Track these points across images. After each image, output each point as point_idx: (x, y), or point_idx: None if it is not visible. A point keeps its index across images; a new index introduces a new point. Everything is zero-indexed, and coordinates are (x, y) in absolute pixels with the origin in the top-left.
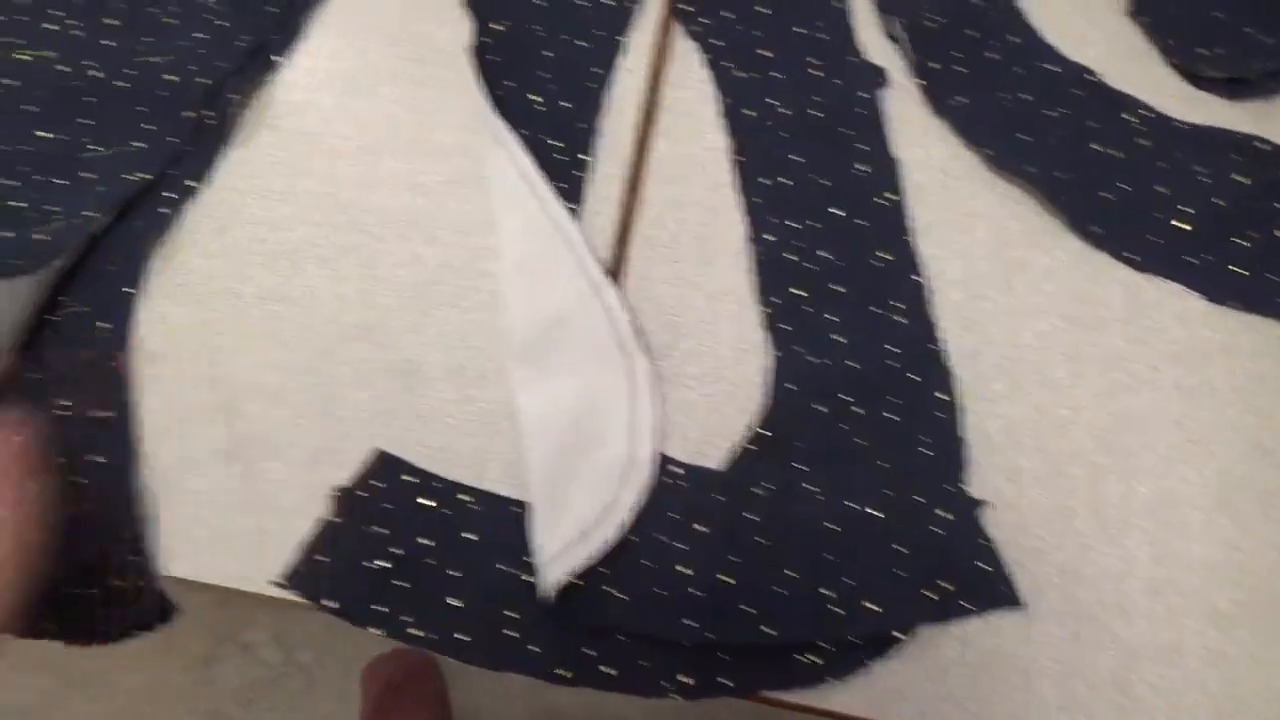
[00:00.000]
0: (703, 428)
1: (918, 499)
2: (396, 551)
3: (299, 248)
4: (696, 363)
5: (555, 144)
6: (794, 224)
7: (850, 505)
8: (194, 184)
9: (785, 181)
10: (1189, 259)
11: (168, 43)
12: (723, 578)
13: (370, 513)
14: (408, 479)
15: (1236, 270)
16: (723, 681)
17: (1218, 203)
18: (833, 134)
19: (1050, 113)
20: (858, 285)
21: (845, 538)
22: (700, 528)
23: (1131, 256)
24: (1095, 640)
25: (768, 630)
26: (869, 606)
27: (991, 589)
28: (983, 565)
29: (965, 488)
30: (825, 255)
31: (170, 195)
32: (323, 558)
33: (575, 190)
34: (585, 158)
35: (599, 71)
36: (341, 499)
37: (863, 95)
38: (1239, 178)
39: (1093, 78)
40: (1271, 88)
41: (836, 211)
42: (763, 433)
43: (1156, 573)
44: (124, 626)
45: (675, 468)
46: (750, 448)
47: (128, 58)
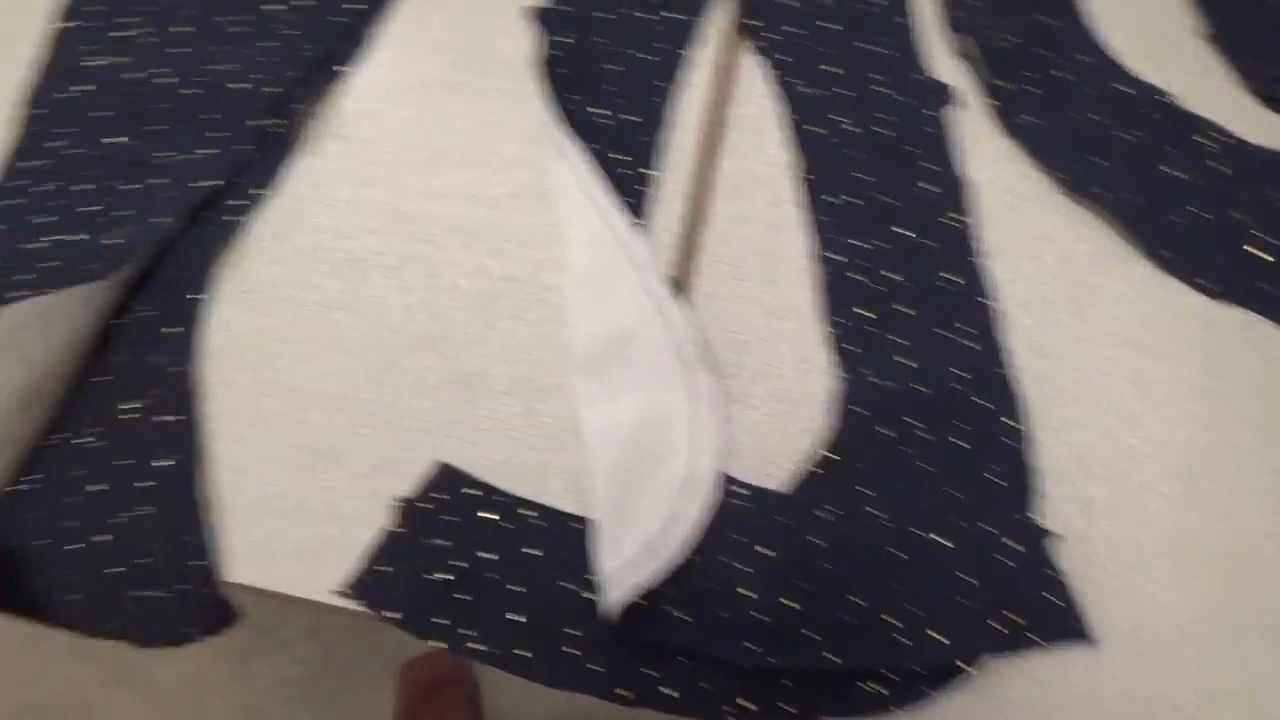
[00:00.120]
0: (766, 448)
1: (986, 528)
2: (458, 564)
3: (363, 257)
4: (760, 382)
5: (619, 158)
6: (860, 243)
7: (916, 532)
8: (260, 192)
9: (851, 200)
10: (1266, 287)
11: (236, 51)
12: (786, 602)
13: (432, 525)
14: (469, 492)
15: None
16: (784, 707)
17: None
18: (900, 152)
19: (1122, 134)
20: (925, 307)
21: (911, 565)
22: (764, 550)
23: (1204, 283)
24: (1168, 680)
25: (831, 657)
26: (934, 636)
27: (1060, 622)
28: (1052, 598)
29: (1034, 517)
30: (891, 276)
31: (237, 203)
32: (384, 568)
33: (639, 205)
34: (649, 172)
35: (663, 85)
36: (403, 510)
37: (930, 114)
38: None
39: (1165, 99)
40: None
41: (903, 231)
42: (828, 455)
43: (1235, 613)
44: (186, 630)
45: (738, 488)
46: (815, 470)
47: (197, 65)
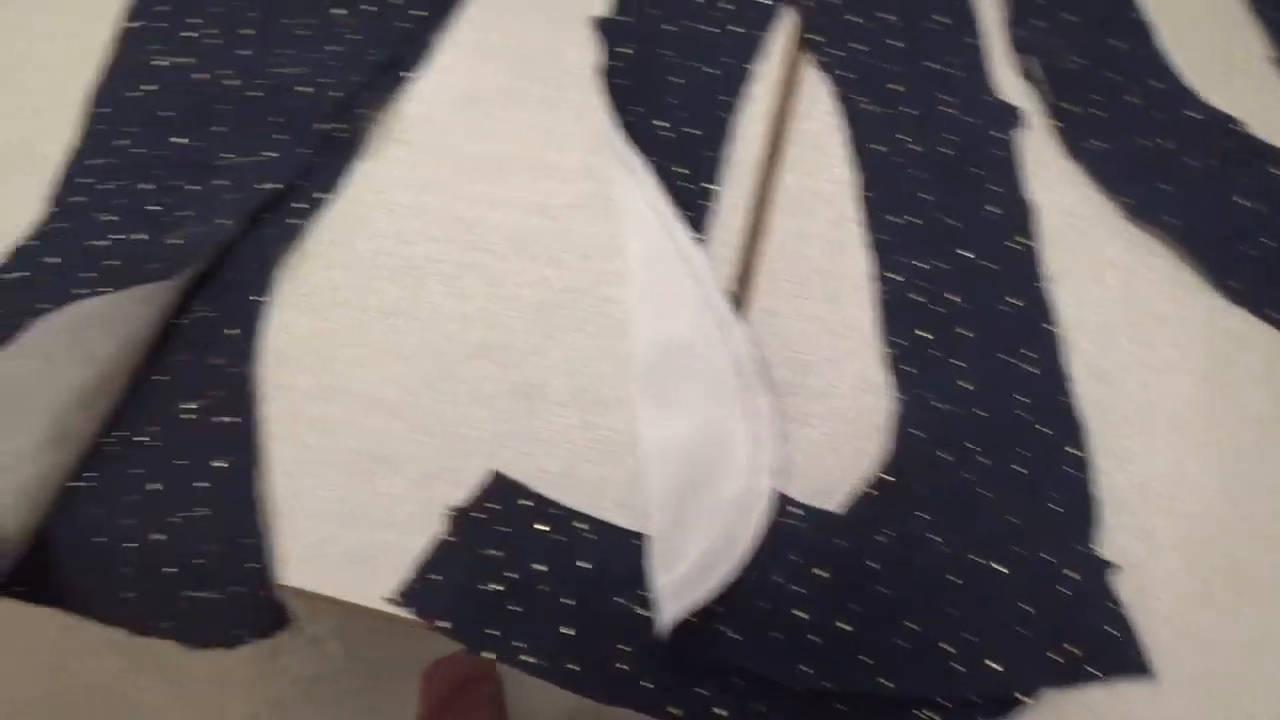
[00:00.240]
0: (823, 468)
1: (1045, 557)
2: (510, 575)
3: (422, 263)
4: (819, 401)
5: (680, 171)
6: (921, 264)
7: (974, 558)
8: (322, 195)
9: (913, 220)
10: None
11: (301, 55)
12: (840, 624)
13: (485, 535)
14: (524, 503)
15: None
16: None
17: None
18: (964, 173)
19: (1191, 161)
20: (986, 330)
21: (968, 592)
22: (819, 572)
23: (1274, 315)
24: (1230, 716)
25: (885, 682)
26: (991, 665)
27: (1120, 655)
28: (1112, 630)
29: (1095, 548)
30: (953, 298)
31: (299, 206)
32: (437, 577)
33: (700, 219)
34: (710, 186)
35: (727, 99)
36: (457, 519)
37: (998, 136)
38: None
39: (1238, 128)
40: None
41: (965, 253)
42: (885, 478)
43: None
44: (239, 632)
45: (794, 508)
46: (871, 492)
47: (262, 68)
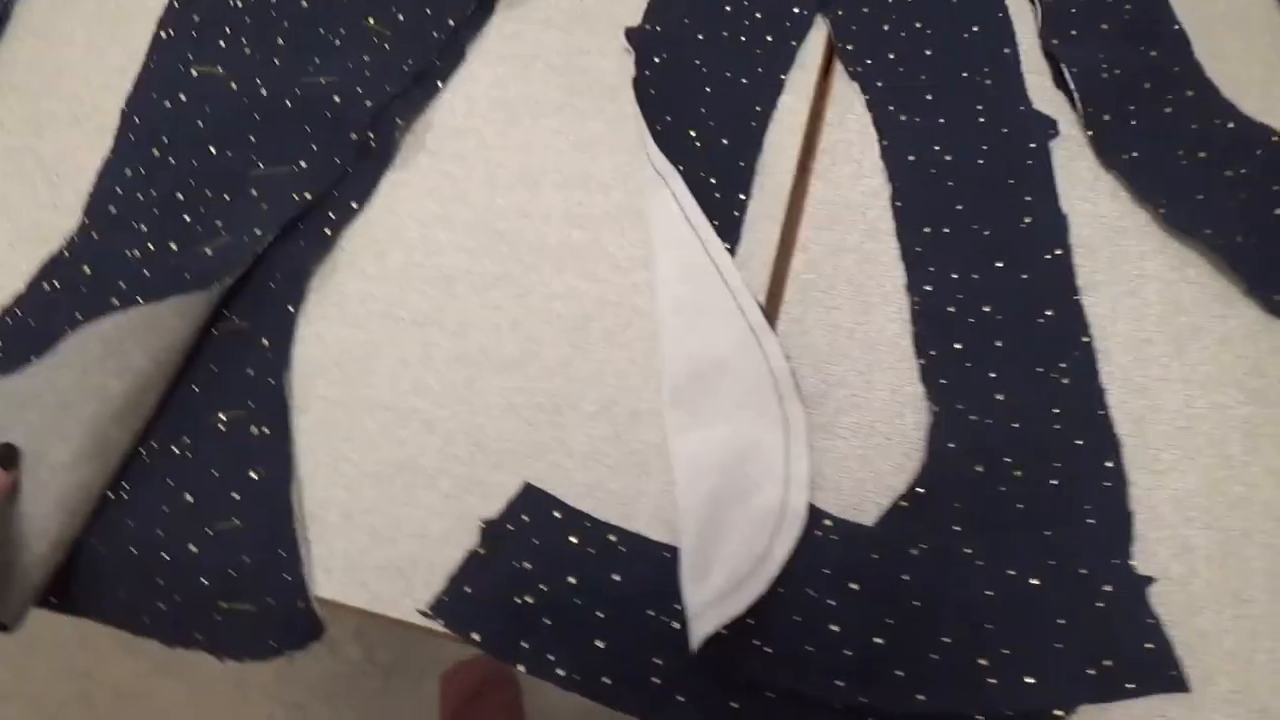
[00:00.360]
0: (855, 481)
1: (1081, 570)
2: (542, 588)
3: (455, 275)
4: (850, 414)
5: (712, 181)
6: (955, 275)
7: (1010, 572)
8: (355, 205)
9: (948, 231)
10: None
11: (334, 64)
12: (875, 639)
13: (518, 548)
14: (556, 515)
15: None
16: None
17: None
18: (998, 184)
19: (1229, 173)
20: (1022, 342)
21: (1003, 606)
22: (853, 585)
23: None
24: None
25: (920, 697)
26: (1027, 680)
27: (1157, 671)
28: (1149, 645)
29: (1132, 563)
30: (987, 310)
31: (332, 216)
32: (469, 589)
33: (731, 230)
34: (742, 197)
35: (759, 110)
36: (489, 532)
37: (1035, 147)
38: None
39: (1278, 139)
40: None
41: (1002, 265)
42: (918, 490)
43: None
44: (273, 644)
45: (826, 521)
46: (904, 504)
47: (296, 77)
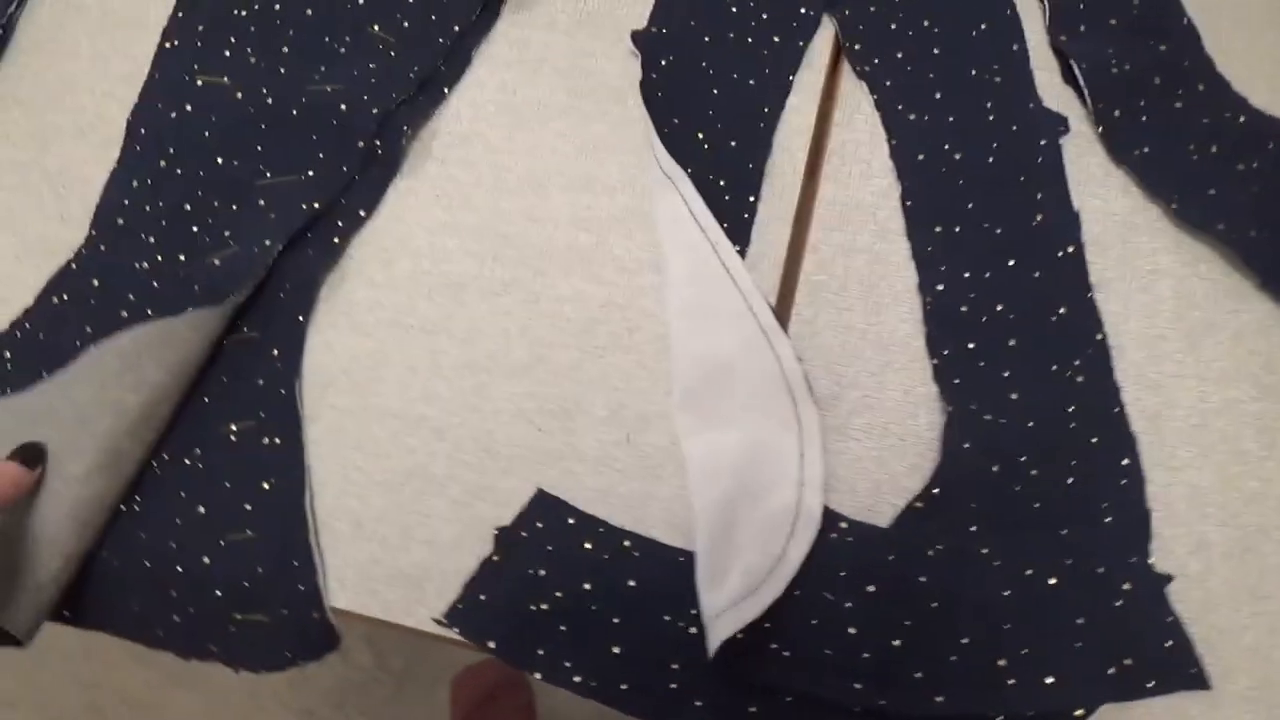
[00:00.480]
0: (870, 482)
1: (1098, 569)
2: (558, 595)
3: (463, 281)
4: (864, 415)
5: (721, 184)
6: (967, 274)
7: (1027, 572)
8: (363, 213)
9: (958, 230)
10: None
11: (339, 72)
12: (893, 641)
13: (532, 554)
14: (569, 521)
15: None
16: None
17: None
18: (1009, 182)
19: (1242, 167)
20: (1035, 340)
21: (1021, 606)
22: (869, 587)
23: None
24: None
25: (939, 699)
26: (1046, 680)
27: (1178, 669)
28: (1168, 643)
29: (1150, 561)
30: (1000, 308)
31: (340, 224)
32: (483, 597)
33: (741, 232)
34: (751, 198)
35: (767, 111)
36: (503, 539)
37: (1046, 144)
38: None
39: None
40: None
41: (1012, 263)
42: (933, 491)
43: None
44: (288, 655)
45: (841, 523)
46: (918, 505)
47: (302, 86)
